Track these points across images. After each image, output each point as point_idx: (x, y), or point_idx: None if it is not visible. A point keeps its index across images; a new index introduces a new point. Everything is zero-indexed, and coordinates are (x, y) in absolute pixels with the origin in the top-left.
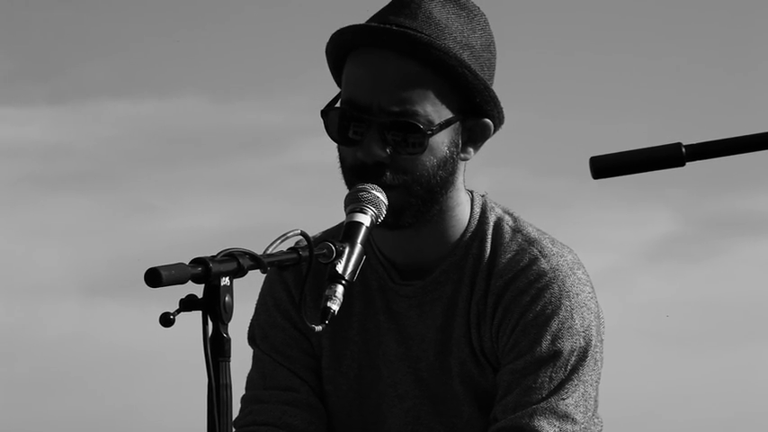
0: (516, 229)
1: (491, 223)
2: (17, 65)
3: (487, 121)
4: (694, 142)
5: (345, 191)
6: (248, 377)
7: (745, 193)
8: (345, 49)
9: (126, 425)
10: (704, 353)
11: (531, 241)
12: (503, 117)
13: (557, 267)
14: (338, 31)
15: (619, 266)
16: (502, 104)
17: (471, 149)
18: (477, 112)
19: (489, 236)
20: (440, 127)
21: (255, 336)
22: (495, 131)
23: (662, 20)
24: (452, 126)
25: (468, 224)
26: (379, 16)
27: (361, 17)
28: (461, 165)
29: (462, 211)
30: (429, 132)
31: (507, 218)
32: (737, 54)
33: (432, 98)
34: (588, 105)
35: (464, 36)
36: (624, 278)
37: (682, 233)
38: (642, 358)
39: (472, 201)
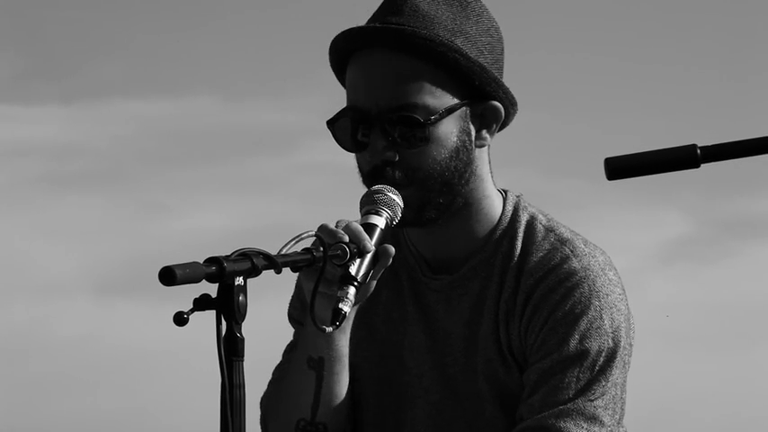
0: (549, 229)
1: (523, 222)
2: (30, 64)
3: (495, 103)
4: (709, 144)
5: (356, 191)
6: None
7: (758, 196)
8: (343, 56)
9: (138, 424)
10: (716, 354)
11: (563, 241)
12: (512, 98)
13: (588, 267)
14: (334, 39)
15: (631, 268)
16: (513, 92)
17: (486, 135)
18: (483, 96)
19: (521, 234)
20: (440, 116)
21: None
22: (509, 114)
23: (676, 23)
24: (457, 113)
25: (500, 221)
26: (371, 19)
27: (370, 14)
28: (481, 153)
29: (491, 205)
30: (429, 122)
31: (541, 217)
32: (750, 56)
33: (428, 89)
34: (600, 107)
35: (456, 24)
36: (637, 280)
37: (694, 235)
38: (654, 360)
39: (505, 199)
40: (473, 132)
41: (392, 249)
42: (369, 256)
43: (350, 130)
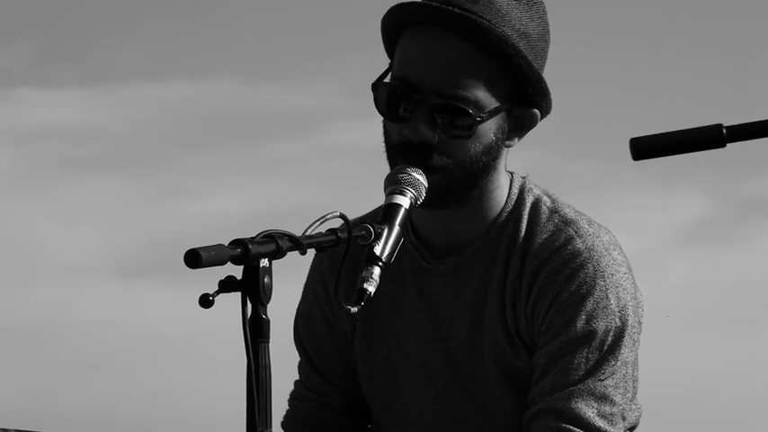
0: (554, 210)
1: (528, 204)
2: (50, 47)
3: (535, 111)
4: (733, 123)
5: (376, 173)
6: (299, 364)
7: None
8: (403, 23)
9: (164, 407)
10: (736, 336)
11: (567, 221)
12: (551, 107)
13: (592, 247)
14: (399, 4)
15: (651, 249)
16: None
17: (516, 137)
18: (526, 102)
19: (525, 216)
20: (489, 114)
21: (298, 326)
22: (540, 120)
23: (698, 5)
24: (501, 114)
25: (505, 204)
26: None
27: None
28: (504, 150)
29: (501, 193)
30: (479, 119)
31: (546, 198)
32: None
33: (483, 84)
34: (622, 88)
35: (522, 24)
36: (656, 261)
37: (714, 216)
38: (674, 341)
39: (511, 181)
40: (506, 132)
41: None
42: (393, 235)
43: (393, 99)
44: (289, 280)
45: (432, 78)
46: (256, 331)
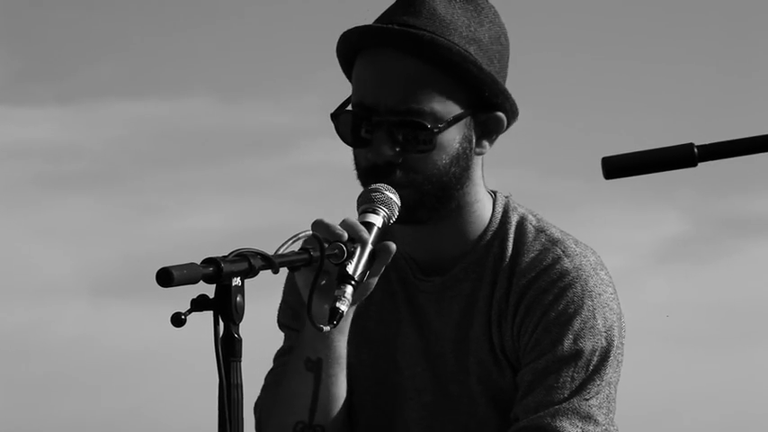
0: (540, 229)
1: (513, 223)
2: (25, 65)
3: (500, 114)
4: (706, 143)
5: (352, 192)
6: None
7: (755, 194)
8: (353, 50)
9: (136, 425)
10: (714, 354)
11: (554, 241)
12: (516, 109)
13: (580, 267)
14: (343, 33)
15: (628, 268)
16: (513, 97)
17: (486, 143)
18: (489, 106)
19: (511, 235)
20: (448, 124)
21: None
22: (509, 124)
23: (672, 21)
24: (463, 121)
25: (490, 223)
26: (385, 16)
27: (369, 16)
28: (478, 160)
29: (482, 208)
30: (436, 130)
31: (531, 218)
32: (747, 55)
33: (438, 95)
34: (597, 107)
35: (470, 30)
36: (633, 279)
37: (691, 234)
38: (651, 359)
39: (495, 200)
40: (474, 140)
41: (393, 246)
42: (366, 254)
43: (353, 126)
44: (261, 299)
45: (385, 98)
46: (228, 350)
